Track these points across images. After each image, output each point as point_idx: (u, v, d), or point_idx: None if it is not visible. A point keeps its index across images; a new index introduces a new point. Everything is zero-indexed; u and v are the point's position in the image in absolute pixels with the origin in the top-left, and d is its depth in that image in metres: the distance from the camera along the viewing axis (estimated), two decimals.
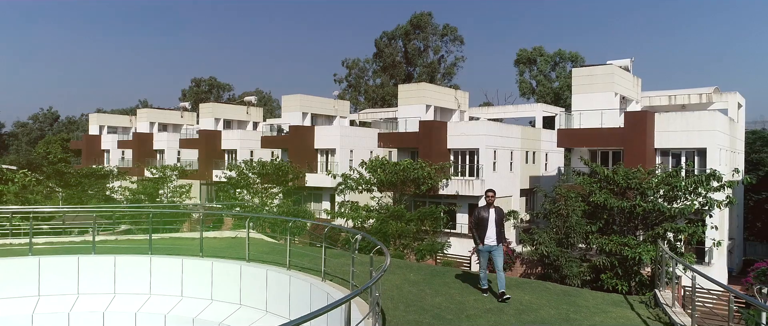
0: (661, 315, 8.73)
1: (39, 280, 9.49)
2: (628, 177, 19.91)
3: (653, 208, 18.75)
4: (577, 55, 55.19)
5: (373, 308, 6.61)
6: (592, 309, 9.10)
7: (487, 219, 9.41)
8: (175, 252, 10.66)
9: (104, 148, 60.66)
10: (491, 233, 9.40)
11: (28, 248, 10.20)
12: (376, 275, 6.35)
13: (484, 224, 9.40)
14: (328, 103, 45.04)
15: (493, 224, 9.41)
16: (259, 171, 34.01)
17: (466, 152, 32.38)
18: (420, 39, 64.09)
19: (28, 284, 9.30)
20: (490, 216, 9.44)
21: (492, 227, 9.40)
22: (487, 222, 9.40)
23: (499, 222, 9.51)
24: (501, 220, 9.56)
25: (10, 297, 8.80)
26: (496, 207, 9.56)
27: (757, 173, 37.66)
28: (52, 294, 9.53)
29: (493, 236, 9.41)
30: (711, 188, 19.07)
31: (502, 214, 9.69)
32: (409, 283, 10.28)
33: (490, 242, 9.40)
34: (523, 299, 9.44)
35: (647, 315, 8.79)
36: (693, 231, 18.27)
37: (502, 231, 9.60)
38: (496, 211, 9.53)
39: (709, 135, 25.20)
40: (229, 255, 11.27)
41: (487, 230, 9.40)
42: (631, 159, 25.13)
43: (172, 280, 9.90)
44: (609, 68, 28.65)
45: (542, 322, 8.22)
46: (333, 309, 5.12)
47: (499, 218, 9.52)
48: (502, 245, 9.58)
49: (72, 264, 9.82)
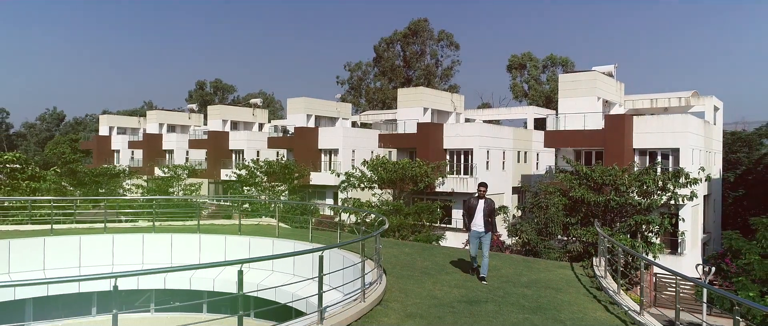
0: (591, 274, 11.21)
1: (113, 253, 11.75)
2: (604, 175, 22.25)
3: (625, 202, 21.08)
4: (567, 60, 57.66)
5: (378, 266, 9.01)
6: (542, 269, 11.66)
7: (475, 207, 10.34)
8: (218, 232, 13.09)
9: (114, 148, 62.95)
10: (479, 221, 10.26)
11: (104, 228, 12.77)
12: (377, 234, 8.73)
13: (473, 212, 10.35)
14: (331, 105, 47.33)
15: (481, 213, 10.26)
16: (266, 170, 36.32)
17: (461, 152, 34.72)
18: (418, 43, 66.61)
19: (105, 255, 11.55)
20: (479, 205, 10.33)
21: (480, 215, 10.25)
22: (475, 210, 10.32)
23: (487, 212, 10.29)
24: (490, 211, 10.32)
25: (91, 266, 11.03)
26: (486, 199, 10.40)
27: (735, 172, 40.05)
28: (123, 264, 11.80)
29: (481, 223, 10.25)
30: (679, 184, 21.41)
31: (492, 206, 10.43)
32: (404, 254, 12.84)
33: (477, 228, 10.27)
34: (491, 264, 11.82)
35: (581, 273, 11.44)
36: (660, 222, 20.58)
37: (491, 222, 10.33)
38: (486, 203, 10.35)
39: (681, 136, 27.54)
40: (259, 233, 13.63)
41: (474, 217, 10.31)
42: (611, 158, 27.49)
43: (218, 252, 12.23)
44: (592, 74, 30.98)
45: (501, 277, 10.60)
46: (353, 266, 7.48)
47: (487, 209, 10.31)
48: (492, 234, 10.32)
49: (138, 240, 12.14)
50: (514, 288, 9.84)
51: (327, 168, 40.68)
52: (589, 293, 9.70)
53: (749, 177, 38.59)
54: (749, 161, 39.92)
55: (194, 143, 52.59)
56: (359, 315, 7.46)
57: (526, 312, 8.35)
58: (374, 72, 70.24)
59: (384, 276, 9.45)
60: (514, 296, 9.31)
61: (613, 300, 9.01)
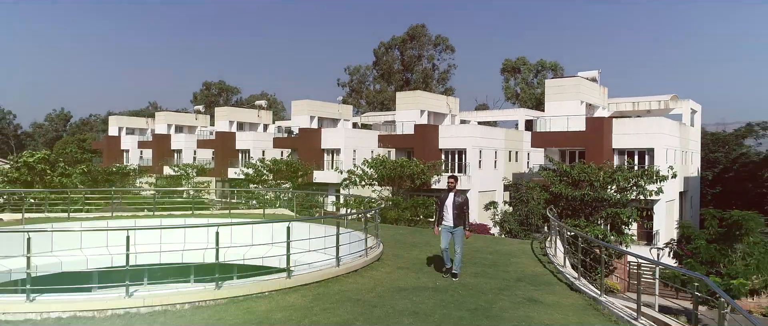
0: (543, 246, 13.90)
1: (161, 234, 14.19)
2: (581, 172, 24.75)
3: (599, 197, 23.59)
4: (556, 65, 60.37)
5: (377, 240, 11.59)
6: (507, 244, 14.53)
7: (445, 202, 9.81)
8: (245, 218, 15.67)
9: (124, 148, 65.39)
10: (448, 216, 9.70)
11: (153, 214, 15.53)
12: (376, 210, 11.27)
13: (443, 207, 9.83)
14: (333, 107, 49.80)
15: (451, 206, 9.68)
16: (273, 169, 38.84)
17: (455, 151, 37.23)
18: (416, 48, 69.33)
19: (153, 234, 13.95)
20: (448, 199, 9.77)
21: (450, 209, 9.69)
22: (445, 204, 9.79)
23: (457, 206, 9.68)
24: (461, 206, 9.71)
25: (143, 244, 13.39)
26: (456, 192, 9.86)
27: (714, 170, 42.58)
28: (168, 243, 14.22)
29: (450, 218, 9.69)
30: (648, 181, 23.92)
31: (463, 200, 9.83)
32: (399, 234, 15.71)
33: (446, 222, 9.74)
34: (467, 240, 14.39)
35: (536, 247, 14.11)
36: (628, 214, 23.10)
37: (463, 216, 9.75)
38: (456, 195, 9.79)
39: (655, 137, 30.04)
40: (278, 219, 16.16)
41: (444, 212, 9.78)
42: (592, 157, 29.98)
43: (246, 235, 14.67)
44: (576, 80, 33.48)
45: (474, 248, 13.17)
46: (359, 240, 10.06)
47: (458, 203, 9.70)
48: (464, 229, 9.76)
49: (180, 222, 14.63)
50: (481, 254, 12.57)
51: (329, 166, 43.16)
52: (535, 257, 12.34)
53: (726, 175, 41.11)
54: (727, 160, 42.44)
55: (202, 143, 55.13)
56: (364, 265, 10.50)
57: (484, 266, 11.24)
58: (374, 75, 72.99)
59: (381, 245, 12.17)
60: (479, 258, 12.09)
61: (550, 261, 11.63)
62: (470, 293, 8.79)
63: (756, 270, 17.97)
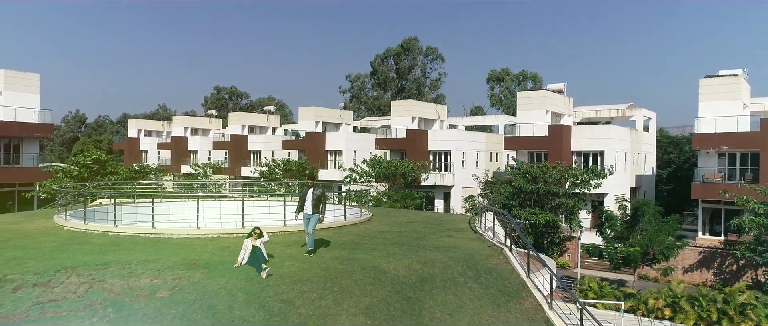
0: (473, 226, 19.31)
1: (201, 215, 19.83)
2: (538, 170, 30.81)
3: (550, 190, 29.65)
4: (536, 75, 66.76)
5: (368, 209, 17.76)
6: (455, 217, 20.29)
7: (305, 195, 12.27)
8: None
9: (143, 149, 71.30)
10: (308, 204, 12.17)
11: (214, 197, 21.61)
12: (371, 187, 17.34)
13: (303, 199, 12.27)
14: (335, 112, 55.85)
15: (310, 198, 12.16)
16: (284, 168, 44.91)
17: (441, 153, 43.27)
18: (409, 59, 75.57)
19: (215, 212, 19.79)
20: (308, 193, 12.24)
21: (309, 201, 12.15)
22: (305, 197, 12.25)
23: (316, 198, 12.15)
24: (317, 197, 12.17)
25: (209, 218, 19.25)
26: (314, 187, 12.37)
27: (668, 169, 48.67)
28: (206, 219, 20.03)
29: (309, 206, 12.15)
30: (590, 177, 30.00)
31: (320, 193, 12.33)
32: (386, 211, 21.51)
33: (307, 211, 12.21)
34: (430, 215, 20.26)
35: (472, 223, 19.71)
36: (572, 205, 29.15)
37: (318, 206, 12.13)
38: (314, 189, 12.28)
39: (605, 141, 36.08)
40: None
41: (305, 202, 12.22)
42: (553, 158, 35.99)
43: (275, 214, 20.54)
44: (542, 93, 39.57)
45: (432, 216, 19.18)
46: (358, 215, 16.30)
47: (315, 195, 12.17)
48: (319, 215, 12.12)
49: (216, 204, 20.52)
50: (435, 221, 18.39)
51: (333, 165, 49.18)
52: (466, 223, 18.18)
53: (679, 174, 47.19)
54: (680, 161, 48.55)
55: (217, 145, 61.23)
56: (359, 222, 16.69)
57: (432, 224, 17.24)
58: (371, 83, 79.27)
59: (371, 215, 18.22)
60: (433, 220, 18.16)
61: (475, 235, 17.33)
62: (419, 233, 15.07)
63: (649, 242, 24.02)
